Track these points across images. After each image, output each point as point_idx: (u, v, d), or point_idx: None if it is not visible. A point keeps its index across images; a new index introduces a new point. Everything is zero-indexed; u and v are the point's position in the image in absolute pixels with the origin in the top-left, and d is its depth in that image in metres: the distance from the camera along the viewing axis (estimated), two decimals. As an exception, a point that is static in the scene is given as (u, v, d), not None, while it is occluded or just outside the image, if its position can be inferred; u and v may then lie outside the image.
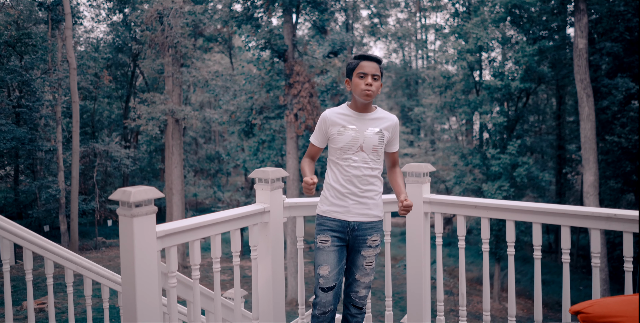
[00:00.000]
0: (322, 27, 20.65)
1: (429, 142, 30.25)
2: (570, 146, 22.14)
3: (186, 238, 2.21)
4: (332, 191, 2.45)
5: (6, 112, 20.07)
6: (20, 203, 24.13)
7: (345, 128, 2.41)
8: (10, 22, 20.90)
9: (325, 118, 2.45)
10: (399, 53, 37.05)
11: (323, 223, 2.45)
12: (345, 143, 2.39)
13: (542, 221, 2.47)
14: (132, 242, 1.94)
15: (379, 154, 2.43)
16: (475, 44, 17.27)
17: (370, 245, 2.44)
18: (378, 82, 2.37)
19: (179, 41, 18.40)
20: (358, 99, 2.39)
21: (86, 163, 23.74)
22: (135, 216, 1.94)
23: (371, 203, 2.43)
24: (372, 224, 2.44)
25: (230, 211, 2.47)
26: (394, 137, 2.49)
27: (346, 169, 2.40)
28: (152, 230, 2.01)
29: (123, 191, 1.95)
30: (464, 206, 2.72)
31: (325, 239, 2.41)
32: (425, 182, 2.87)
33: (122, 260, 2.00)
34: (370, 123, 2.42)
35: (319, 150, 2.56)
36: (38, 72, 21.01)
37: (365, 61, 2.38)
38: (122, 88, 27.53)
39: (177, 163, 20.59)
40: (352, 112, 2.43)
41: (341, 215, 2.41)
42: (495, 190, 16.38)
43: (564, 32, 19.51)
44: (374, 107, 2.49)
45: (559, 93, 21.66)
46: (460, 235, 2.79)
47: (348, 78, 2.45)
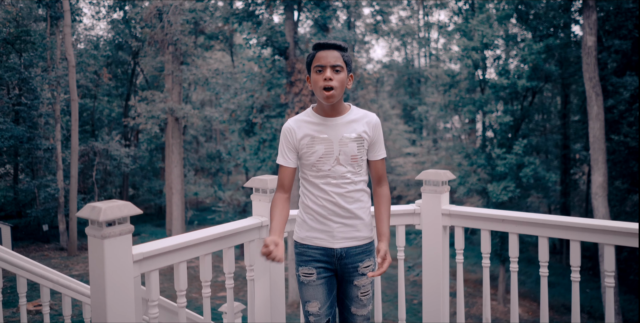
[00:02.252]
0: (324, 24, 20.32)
1: (432, 141, 29.91)
2: (576, 146, 21.80)
3: (170, 260, 1.90)
4: (310, 214, 2.03)
5: (5, 111, 19.81)
6: (19, 202, 23.88)
7: (315, 138, 1.98)
8: (10, 20, 20.61)
9: (289, 130, 2.01)
10: (401, 51, 36.69)
11: (304, 253, 2.04)
12: (318, 157, 1.97)
13: (582, 239, 2.15)
14: (103, 268, 1.63)
15: (361, 164, 2.02)
16: (480, 41, 16.92)
17: (363, 272, 2.04)
18: (342, 75, 1.91)
19: (178, 38, 18.09)
20: (321, 100, 1.96)
21: (85, 161, 23.47)
22: (107, 238, 1.63)
23: (359, 223, 2.03)
24: (362, 248, 2.05)
25: (222, 226, 2.15)
26: (377, 140, 2.04)
27: (324, 188, 1.99)
28: (127, 253, 1.69)
29: (92, 207, 1.64)
30: (490, 219, 2.39)
31: (309, 272, 2.02)
32: (444, 192, 2.53)
33: (92, 289, 1.68)
34: (344, 127, 1.98)
35: (293, 172, 2.06)
36: (37, 70, 20.72)
37: (322, 51, 1.92)
38: (123, 86, 27.23)
39: (177, 162, 20.31)
40: (319, 118, 2.00)
41: (324, 242, 2.01)
42: (500, 191, 16.05)
43: (570, 30, 19.17)
44: (347, 106, 2.04)
45: (564, 92, 21.31)
46: (485, 252, 2.47)
47: (308, 75, 1.99)
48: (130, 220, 8.62)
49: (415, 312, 15.11)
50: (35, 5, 21.98)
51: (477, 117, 21.66)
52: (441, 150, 24.63)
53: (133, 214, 1.68)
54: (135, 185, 30.17)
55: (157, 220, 27.39)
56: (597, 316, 16.17)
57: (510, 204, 16.91)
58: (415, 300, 16.15)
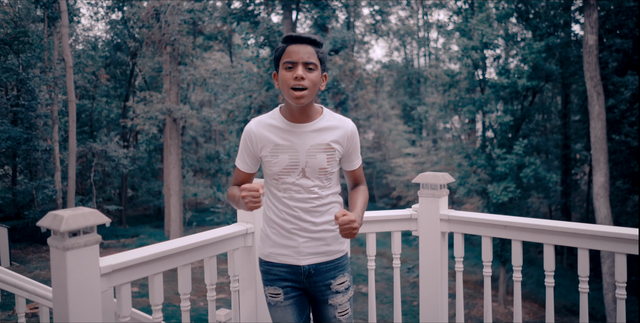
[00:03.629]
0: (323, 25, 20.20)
1: (432, 141, 29.76)
2: (577, 146, 21.63)
3: (143, 272, 1.75)
4: (273, 228, 1.82)
5: (3, 112, 19.68)
6: (17, 204, 23.76)
7: (279, 146, 1.74)
8: (7, 21, 20.49)
9: (250, 133, 1.77)
10: (400, 51, 36.55)
11: (268, 271, 1.84)
12: (282, 167, 1.74)
13: (592, 247, 2.00)
14: (65, 283, 1.48)
15: (330, 178, 1.80)
16: (480, 40, 16.77)
17: (338, 290, 1.82)
18: (315, 74, 1.67)
19: (176, 39, 17.95)
20: (289, 101, 1.71)
21: (84, 163, 23.34)
22: (70, 249, 1.48)
23: (329, 236, 1.81)
24: (334, 263, 1.83)
25: (203, 234, 2.00)
26: (352, 150, 1.82)
27: (287, 202, 1.77)
28: (93, 266, 1.54)
29: (54, 215, 1.49)
30: (491, 225, 2.23)
31: (275, 292, 1.82)
32: (443, 195, 2.37)
33: (55, 306, 1.53)
34: (314, 135, 1.74)
35: (250, 177, 1.87)
36: (35, 71, 20.60)
37: (294, 45, 1.67)
38: (121, 87, 27.09)
39: (175, 163, 20.16)
40: (285, 123, 1.75)
41: (290, 259, 1.80)
42: (500, 191, 15.89)
43: (570, 29, 19.02)
44: (319, 109, 1.80)
45: (565, 91, 21.16)
46: (486, 260, 2.31)
47: (276, 71, 1.75)
48: (130, 222, 8.48)
49: (415, 313, 14.96)
50: (33, 6, 21.86)
51: (477, 118, 21.52)
52: (441, 150, 24.49)
53: (100, 223, 1.53)
54: (135, 186, 30.03)
55: (156, 221, 27.25)
56: (598, 318, 16.02)
57: (511, 205, 16.76)
58: (415, 302, 16.00)
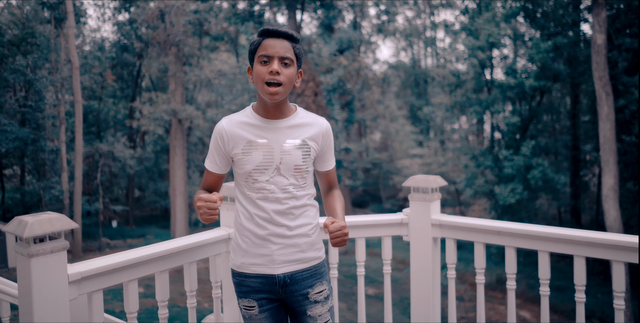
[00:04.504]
0: (329, 25, 20.15)
1: (439, 142, 29.58)
2: (586, 147, 21.38)
3: (117, 279, 1.68)
4: (245, 236, 1.73)
5: (11, 113, 19.81)
6: (25, 204, 23.93)
7: (252, 143, 1.68)
8: (15, 22, 20.64)
9: (221, 131, 1.71)
10: (407, 51, 36.41)
11: (242, 283, 1.75)
12: (255, 165, 1.67)
13: (589, 255, 1.91)
14: (30, 291, 1.42)
15: (305, 177, 1.73)
16: (486, 40, 16.63)
17: (317, 299, 1.73)
18: (290, 70, 1.63)
19: (180, 39, 17.95)
20: (262, 97, 1.66)
21: (90, 163, 23.45)
22: (35, 256, 1.41)
23: (304, 242, 1.73)
24: (310, 271, 1.74)
25: (183, 239, 1.93)
26: (326, 149, 1.78)
27: (260, 204, 1.69)
28: (60, 273, 1.48)
29: (19, 221, 1.43)
30: (484, 231, 2.14)
31: (249, 305, 1.73)
32: (435, 199, 2.28)
33: (21, 315, 1.47)
34: (288, 132, 1.70)
35: (220, 179, 1.80)
36: (43, 72, 20.72)
37: (270, 39, 1.62)
38: (128, 88, 27.19)
39: (181, 163, 20.19)
40: (259, 119, 1.70)
41: (263, 268, 1.71)
42: (508, 193, 15.73)
43: (579, 28, 18.81)
44: (293, 107, 1.76)
45: (573, 91, 20.92)
46: (479, 267, 2.22)
47: (250, 66, 1.70)
48: (137, 222, 8.38)
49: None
50: (40, 8, 22.01)
51: (484, 118, 21.35)
52: (448, 151, 24.33)
53: (67, 228, 1.46)
54: (142, 187, 30.14)
55: (162, 222, 27.30)
56: (608, 322, 15.80)
57: (519, 206, 16.58)
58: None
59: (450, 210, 25.45)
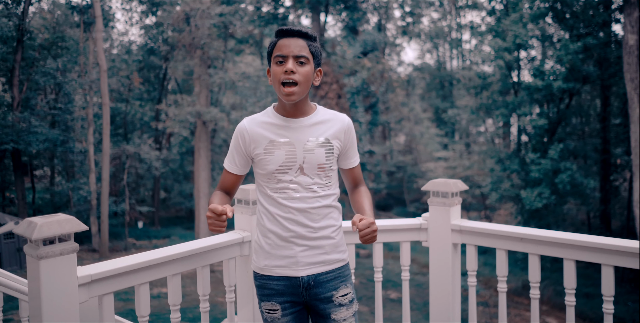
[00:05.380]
0: (354, 27, 20.10)
1: (464, 145, 29.18)
2: (616, 151, 20.78)
3: (128, 282, 1.66)
4: (268, 237, 1.70)
5: (41, 115, 20.32)
6: (55, 204, 24.51)
7: (275, 143, 1.66)
8: (46, 26, 21.19)
9: (243, 131, 1.70)
10: (433, 53, 36.08)
11: (264, 285, 1.72)
12: (278, 165, 1.65)
13: (617, 264, 1.81)
14: (39, 293, 1.41)
15: (330, 175, 1.71)
16: (513, 42, 16.33)
17: (341, 302, 1.69)
18: (307, 68, 1.62)
19: (205, 42, 18.14)
20: (280, 97, 1.66)
21: (117, 164, 23.86)
22: (44, 258, 1.40)
23: (328, 244, 1.70)
24: (335, 273, 1.71)
25: (196, 242, 1.91)
26: (350, 146, 1.76)
27: (284, 203, 1.66)
28: (70, 276, 1.47)
29: (28, 222, 1.42)
30: (506, 237, 2.06)
31: (272, 308, 1.70)
32: (455, 204, 2.20)
33: (31, 317, 1.46)
34: (310, 130, 1.68)
35: (238, 179, 1.78)
36: (73, 75, 21.19)
37: (285, 38, 1.62)
38: (154, 90, 27.61)
39: (205, 165, 20.39)
40: (280, 119, 1.69)
41: (287, 270, 1.68)
42: (534, 197, 15.39)
43: (610, 29, 18.32)
44: (313, 106, 1.75)
45: (604, 94, 20.37)
46: (501, 275, 2.14)
47: (269, 67, 1.69)
48: (163, 223, 8.45)
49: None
50: (70, 12, 22.54)
51: (510, 121, 20.98)
52: (473, 155, 23.97)
53: (77, 230, 1.45)
54: (167, 188, 30.53)
55: (187, 223, 27.59)
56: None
57: (546, 211, 16.21)
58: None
59: (476, 214, 25.05)
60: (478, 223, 2.15)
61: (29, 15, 19.58)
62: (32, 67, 19.47)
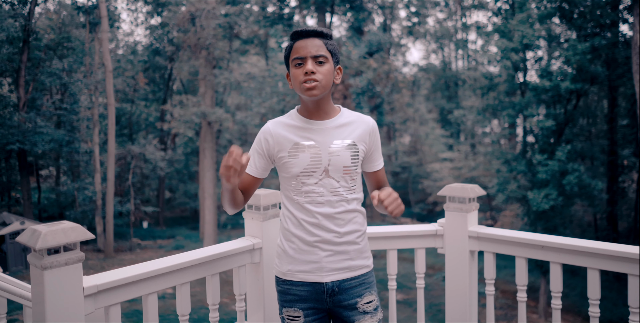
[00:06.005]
0: (359, 27, 20.04)
1: (469, 146, 29.04)
2: (624, 152, 20.61)
3: (135, 292, 1.60)
4: (293, 242, 1.66)
5: (47, 115, 20.35)
6: (60, 204, 24.55)
7: (299, 145, 1.62)
8: (52, 27, 21.22)
9: (267, 133, 1.67)
10: (438, 54, 35.95)
11: (287, 291, 1.67)
12: (303, 167, 1.61)
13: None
14: (43, 305, 1.35)
15: (355, 178, 1.67)
16: (520, 42, 16.20)
17: (366, 310, 1.65)
18: (326, 67, 1.59)
19: (211, 43, 18.12)
20: (303, 98, 1.62)
21: (122, 165, 23.87)
22: (48, 268, 1.34)
23: (353, 249, 1.66)
24: (359, 279, 1.67)
25: (205, 250, 1.84)
26: (374, 148, 1.72)
27: (308, 208, 1.63)
28: (75, 287, 1.40)
29: (32, 231, 1.36)
30: (526, 245, 1.98)
31: (295, 315, 1.65)
32: (472, 210, 2.12)
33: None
34: (335, 132, 1.64)
35: (255, 182, 1.71)
36: (79, 75, 21.22)
37: (301, 40, 1.60)
38: (160, 91, 27.63)
39: (210, 166, 20.36)
40: (304, 121, 1.65)
41: (311, 276, 1.64)
42: (541, 199, 15.26)
43: (618, 29, 18.18)
44: (337, 108, 1.71)
45: (611, 94, 20.22)
46: (521, 284, 2.06)
47: (288, 72, 1.67)
48: (167, 223, 8.34)
49: None
50: (76, 12, 22.58)
51: (517, 122, 20.84)
52: (479, 155, 23.84)
53: (83, 239, 1.39)
54: (172, 188, 30.54)
55: (192, 223, 27.60)
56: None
57: (552, 213, 16.08)
58: (450, 312, 15.52)
59: (481, 215, 24.94)
60: (497, 229, 2.08)
61: (35, 16, 19.61)
62: (38, 67, 19.49)
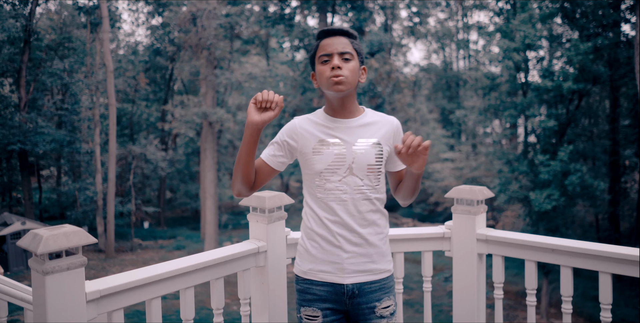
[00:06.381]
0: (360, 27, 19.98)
1: (471, 146, 29.00)
2: (626, 152, 20.55)
3: (139, 297, 1.57)
4: (315, 241, 1.66)
5: (48, 115, 20.34)
6: (61, 204, 24.54)
7: (324, 142, 1.63)
8: (53, 27, 21.21)
9: (293, 128, 1.67)
10: (439, 54, 35.91)
11: (307, 290, 1.66)
12: (327, 164, 1.61)
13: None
14: (45, 310, 1.31)
15: (378, 177, 1.66)
16: (522, 42, 16.16)
17: (382, 314, 1.64)
18: (352, 64, 1.60)
19: (212, 43, 18.09)
20: (330, 94, 1.63)
21: (123, 165, 23.85)
22: (49, 273, 1.31)
23: (375, 252, 1.65)
24: (380, 284, 1.66)
25: (210, 253, 1.81)
26: None
27: (331, 205, 1.62)
28: (78, 292, 1.37)
29: (34, 235, 1.33)
30: (536, 248, 1.94)
31: (313, 314, 1.64)
32: (480, 212, 2.08)
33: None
34: (360, 131, 1.65)
35: (269, 172, 1.69)
36: (80, 76, 21.20)
37: (327, 38, 1.62)
38: (161, 91, 27.60)
39: (211, 166, 20.33)
40: (329, 120, 1.66)
41: (332, 276, 1.63)
42: (543, 199, 15.22)
43: (620, 29, 18.13)
44: (361, 108, 1.72)
45: (613, 94, 20.17)
46: (530, 288, 2.02)
47: (313, 71, 1.69)
48: (168, 223, 8.29)
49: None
50: (77, 13, 22.57)
51: (518, 122, 20.79)
52: (480, 156, 23.80)
53: (85, 243, 1.35)
54: (173, 188, 30.51)
55: (193, 223, 27.57)
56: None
57: (554, 213, 16.03)
58: (452, 312, 15.50)
59: (483, 216, 24.87)
60: (506, 232, 2.04)
61: (36, 16, 19.59)
62: (39, 67, 19.48)
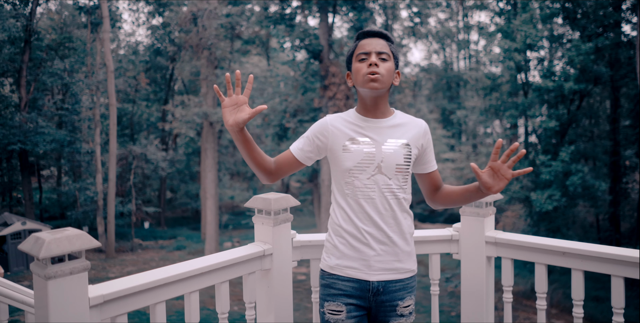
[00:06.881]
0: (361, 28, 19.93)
1: (471, 146, 28.96)
2: (626, 152, 20.52)
3: (143, 302, 1.53)
4: (343, 237, 1.68)
5: (48, 115, 20.30)
6: (62, 204, 24.50)
7: (355, 140, 1.66)
8: (54, 27, 21.18)
9: (325, 125, 1.70)
10: (440, 54, 35.87)
11: (332, 285, 1.69)
12: (356, 162, 1.64)
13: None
14: (47, 317, 1.28)
15: (406, 178, 1.69)
16: (523, 42, 16.14)
17: (402, 313, 1.68)
18: (388, 64, 1.64)
19: (212, 43, 18.05)
20: (364, 93, 1.66)
21: (124, 165, 23.82)
22: (52, 278, 1.28)
23: (402, 252, 1.68)
24: (403, 283, 1.69)
25: (214, 256, 1.78)
26: (428, 150, 1.74)
27: (360, 202, 1.64)
28: (81, 297, 1.34)
29: (36, 238, 1.29)
30: (546, 251, 1.91)
31: (337, 309, 1.66)
32: (489, 214, 2.05)
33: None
34: (390, 131, 1.68)
35: (294, 164, 1.73)
36: (80, 76, 21.16)
37: (366, 38, 1.67)
38: (161, 91, 27.57)
39: (211, 166, 20.30)
40: (361, 119, 1.69)
41: (359, 273, 1.65)
42: (545, 199, 15.19)
43: (621, 29, 18.11)
44: (392, 110, 1.75)
45: (614, 95, 20.14)
46: (540, 291, 1.99)
47: (349, 71, 1.72)
48: (169, 223, 8.24)
49: (453, 325, 14.45)
50: (78, 12, 22.53)
51: (519, 122, 20.77)
52: (481, 156, 23.77)
53: (88, 247, 1.32)
54: (173, 189, 30.48)
55: (193, 224, 27.53)
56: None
57: (555, 213, 16.00)
58: (453, 312, 15.47)
59: (483, 216, 24.84)
60: (515, 235, 2.01)
61: (36, 16, 19.56)
62: (39, 67, 19.44)
